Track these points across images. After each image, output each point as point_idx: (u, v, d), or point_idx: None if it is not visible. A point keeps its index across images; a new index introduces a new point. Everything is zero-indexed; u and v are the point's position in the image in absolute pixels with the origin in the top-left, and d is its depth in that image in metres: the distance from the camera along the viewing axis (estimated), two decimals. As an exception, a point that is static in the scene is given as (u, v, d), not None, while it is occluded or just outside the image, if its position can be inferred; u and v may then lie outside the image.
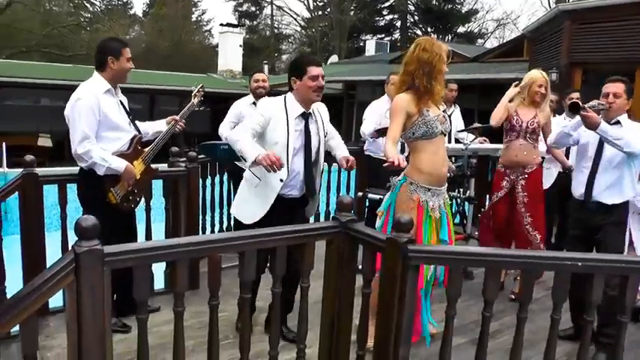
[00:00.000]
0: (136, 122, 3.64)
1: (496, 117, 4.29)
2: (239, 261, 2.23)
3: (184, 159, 4.30)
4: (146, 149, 3.59)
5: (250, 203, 3.31)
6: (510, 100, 4.31)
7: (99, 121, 3.26)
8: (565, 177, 5.15)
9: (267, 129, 3.17)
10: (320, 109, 3.44)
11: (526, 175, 4.25)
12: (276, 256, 2.25)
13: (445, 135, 3.31)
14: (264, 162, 2.93)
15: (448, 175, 3.39)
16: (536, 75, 4.28)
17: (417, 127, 3.15)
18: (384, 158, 3.07)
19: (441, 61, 3.12)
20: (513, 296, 4.31)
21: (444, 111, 5.97)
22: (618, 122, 3.46)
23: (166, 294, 3.83)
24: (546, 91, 4.27)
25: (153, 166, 3.70)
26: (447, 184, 3.37)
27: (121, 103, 3.49)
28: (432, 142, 3.18)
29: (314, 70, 3.21)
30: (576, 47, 7.95)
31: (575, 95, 5.11)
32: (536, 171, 4.29)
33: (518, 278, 4.37)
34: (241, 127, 3.27)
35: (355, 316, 2.50)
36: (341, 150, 3.55)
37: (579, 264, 2.25)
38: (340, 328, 2.43)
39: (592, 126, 3.31)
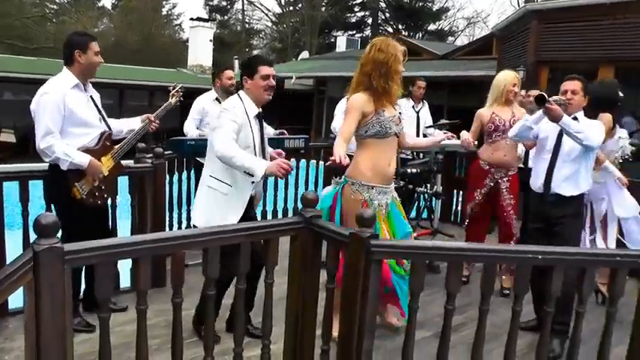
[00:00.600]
0: (111, 119, 3.61)
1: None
2: (203, 258, 2.22)
3: (151, 155, 4.26)
4: (116, 146, 3.55)
5: (221, 211, 3.16)
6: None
7: (64, 117, 3.21)
8: (524, 172, 5.33)
9: (240, 134, 3.11)
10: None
11: (510, 177, 4.39)
12: (240, 252, 2.25)
13: (398, 137, 3.32)
14: (279, 173, 2.91)
15: (414, 171, 3.43)
16: (510, 75, 4.36)
17: (370, 126, 3.16)
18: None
19: (397, 62, 3.12)
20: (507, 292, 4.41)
21: (412, 107, 6.13)
22: (576, 118, 3.56)
23: (133, 292, 3.78)
24: (519, 89, 4.41)
25: (123, 162, 3.67)
26: (393, 183, 3.39)
27: (92, 99, 3.44)
28: (383, 141, 3.19)
29: (265, 70, 3.19)
30: (543, 46, 8.10)
31: (535, 92, 5.22)
32: (516, 175, 4.45)
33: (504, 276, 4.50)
34: (222, 137, 3.02)
35: (320, 312, 2.52)
36: None
37: (540, 257, 2.31)
38: (305, 324, 2.44)
39: (555, 118, 3.41)
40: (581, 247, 3.61)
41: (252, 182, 3.11)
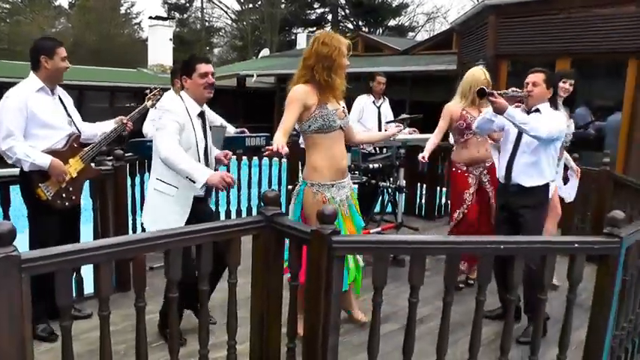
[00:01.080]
0: (86, 123, 3.63)
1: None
2: (164, 260, 2.19)
3: (111, 157, 4.20)
4: (86, 148, 3.53)
5: (168, 213, 3.18)
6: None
7: (27, 119, 3.23)
8: None
9: (182, 134, 3.11)
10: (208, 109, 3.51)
11: (488, 170, 4.44)
12: (201, 253, 2.24)
13: (344, 130, 3.29)
14: (220, 186, 2.92)
15: (376, 165, 3.45)
16: (479, 78, 4.31)
17: (313, 120, 3.13)
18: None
19: (341, 55, 3.10)
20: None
21: (373, 102, 6.18)
22: (538, 110, 3.64)
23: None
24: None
25: (93, 166, 3.64)
26: (349, 176, 3.39)
27: (61, 102, 3.45)
28: (328, 136, 3.17)
29: (203, 68, 3.20)
30: (502, 40, 8.27)
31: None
32: (493, 164, 4.47)
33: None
34: (166, 139, 3.04)
35: (285, 310, 2.52)
36: None
37: (502, 247, 2.36)
38: (270, 323, 2.45)
39: (500, 111, 3.51)
40: (541, 236, 3.69)
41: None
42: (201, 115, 3.26)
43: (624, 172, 7.04)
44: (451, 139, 4.77)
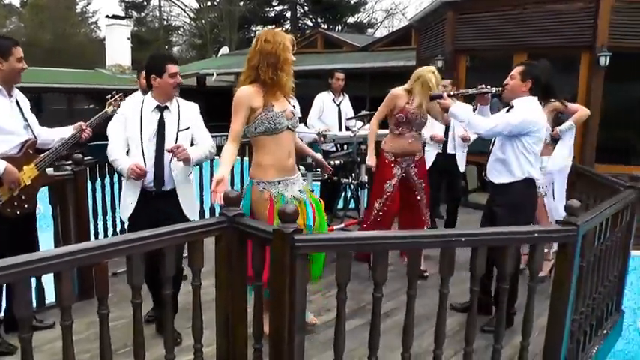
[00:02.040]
0: (44, 128, 3.52)
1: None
2: (127, 265, 2.17)
3: (70, 162, 4.11)
4: (42, 155, 3.40)
5: (125, 196, 3.47)
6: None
7: None
8: (444, 158, 5.56)
9: (127, 127, 3.35)
10: (189, 106, 3.51)
11: (416, 163, 4.48)
12: (164, 257, 2.22)
13: (293, 130, 3.26)
14: (132, 176, 3.25)
15: (338, 162, 3.46)
16: (429, 76, 4.30)
17: (258, 123, 3.08)
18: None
19: (286, 50, 3.05)
20: None
21: (332, 100, 6.21)
22: (512, 106, 3.59)
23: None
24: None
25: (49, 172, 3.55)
26: (299, 172, 3.37)
27: (18, 105, 3.32)
28: (275, 138, 3.12)
29: (173, 68, 3.32)
30: (459, 36, 8.38)
31: (445, 82, 5.40)
32: (422, 158, 4.56)
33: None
34: (112, 137, 3.45)
35: (250, 310, 2.52)
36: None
37: (463, 239, 2.41)
38: (235, 324, 2.44)
39: (444, 110, 3.67)
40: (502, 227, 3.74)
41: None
42: (159, 108, 3.36)
43: (581, 161, 7.25)
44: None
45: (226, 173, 2.94)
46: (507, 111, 3.67)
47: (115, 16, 22.75)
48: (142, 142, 3.31)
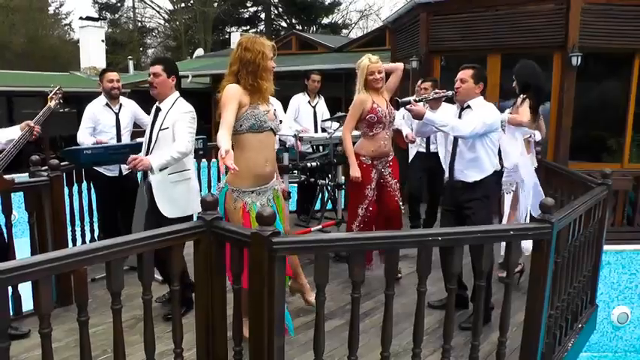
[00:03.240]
0: None
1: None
2: (106, 271, 2.15)
3: (46, 167, 4.06)
4: None
5: None
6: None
7: None
8: (426, 156, 5.58)
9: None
10: (177, 106, 3.66)
11: (391, 163, 4.48)
12: (142, 262, 2.22)
13: (275, 133, 3.33)
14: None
15: (314, 164, 3.47)
16: (365, 63, 4.27)
17: (244, 119, 3.13)
18: None
19: (265, 59, 3.11)
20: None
21: (308, 102, 6.23)
22: (469, 107, 3.71)
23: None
24: (381, 75, 4.32)
25: (7, 177, 3.47)
26: (274, 178, 3.38)
27: None
28: (258, 137, 3.17)
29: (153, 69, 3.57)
30: (433, 36, 8.44)
31: (426, 85, 5.45)
32: (395, 158, 4.53)
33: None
34: None
35: (230, 314, 2.53)
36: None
37: (440, 239, 2.44)
38: (215, 327, 2.44)
39: (418, 117, 3.62)
40: (478, 226, 3.81)
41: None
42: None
43: (555, 158, 7.39)
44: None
45: (230, 147, 2.87)
46: (461, 112, 3.78)
47: (88, 18, 22.45)
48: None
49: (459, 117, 3.78)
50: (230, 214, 3.20)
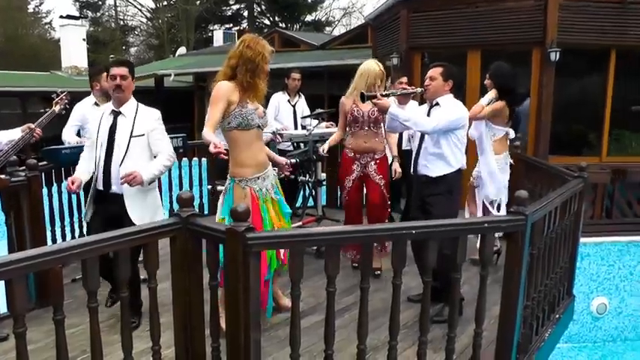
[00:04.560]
0: None
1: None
2: (82, 270, 2.15)
3: (24, 167, 4.02)
4: None
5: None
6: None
7: None
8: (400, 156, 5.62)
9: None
10: (147, 112, 3.58)
11: (377, 161, 4.53)
12: (119, 260, 2.22)
13: (262, 129, 3.44)
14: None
15: (294, 161, 3.54)
16: (374, 71, 4.36)
17: (232, 117, 3.23)
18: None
19: (264, 61, 3.25)
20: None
21: (287, 101, 6.23)
22: (438, 104, 3.78)
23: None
24: (382, 81, 4.45)
25: (2, 176, 3.46)
26: (270, 165, 3.53)
27: None
28: (246, 133, 3.29)
29: (111, 71, 3.52)
30: (414, 33, 8.48)
31: (404, 79, 5.52)
32: (384, 157, 4.58)
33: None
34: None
35: (208, 310, 2.54)
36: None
37: (414, 232, 2.48)
38: (193, 324, 2.45)
39: (382, 111, 3.72)
40: (452, 219, 3.85)
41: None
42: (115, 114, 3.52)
43: (535, 153, 7.47)
44: None
45: (216, 139, 2.99)
46: (430, 109, 3.85)
47: (69, 16, 22.07)
48: (95, 146, 3.43)
49: (428, 114, 3.85)
50: (239, 202, 3.23)
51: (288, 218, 3.61)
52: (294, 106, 6.24)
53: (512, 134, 4.91)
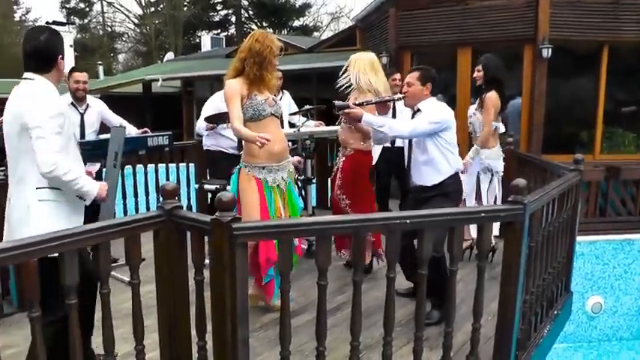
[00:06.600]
0: None
1: None
2: (59, 264, 2.01)
3: (2, 167, 3.90)
4: None
5: (64, 218, 2.78)
6: None
7: None
8: (391, 151, 5.52)
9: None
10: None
11: (344, 158, 4.38)
12: (98, 254, 2.09)
13: (278, 117, 3.57)
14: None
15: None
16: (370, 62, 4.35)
17: (244, 110, 3.42)
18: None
19: (272, 54, 3.42)
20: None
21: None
22: (419, 110, 3.65)
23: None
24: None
25: None
26: (288, 159, 3.63)
27: None
28: (260, 123, 3.43)
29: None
30: (403, 32, 8.42)
31: (397, 76, 5.46)
32: (353, 156, 4.33)
33: None
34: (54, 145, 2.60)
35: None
36: None
37: (408, 222, 2.35)
38: (178, 322, 2.32)
39: (356, 120, 3.65)
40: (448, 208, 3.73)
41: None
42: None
43: (528, 151, 7.41)
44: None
45: (251, 132, 3.26)
46: (413, 116, 3.73)
47: (55, 23, 21.82)
48: None
49: None
50: (243, 194, 3.48)
51: (299, 213, 3.70)
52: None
53: (502, 129, 4.91)
